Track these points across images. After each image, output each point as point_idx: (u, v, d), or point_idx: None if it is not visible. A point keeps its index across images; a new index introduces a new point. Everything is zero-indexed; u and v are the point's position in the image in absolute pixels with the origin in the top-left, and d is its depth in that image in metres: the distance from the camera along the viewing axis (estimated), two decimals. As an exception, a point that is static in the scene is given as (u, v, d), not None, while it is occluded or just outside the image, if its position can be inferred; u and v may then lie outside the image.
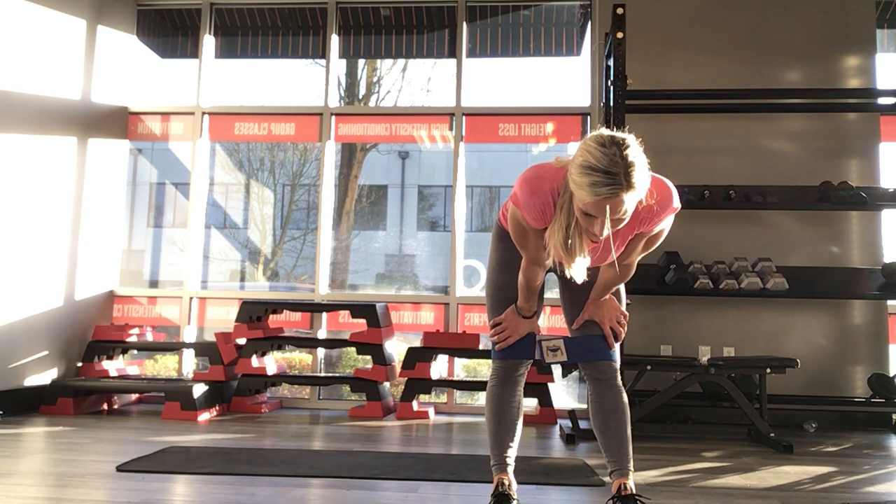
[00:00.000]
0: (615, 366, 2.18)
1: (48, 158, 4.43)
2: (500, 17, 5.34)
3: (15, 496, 2.36)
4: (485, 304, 2.35)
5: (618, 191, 1.69)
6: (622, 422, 2.12)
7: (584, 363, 2.18)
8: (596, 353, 2.16)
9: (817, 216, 4.51)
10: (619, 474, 2.10)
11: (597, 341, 2.17)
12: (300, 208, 9.33)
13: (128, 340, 4.67)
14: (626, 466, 2.10)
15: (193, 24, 5.39)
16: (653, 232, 1.98)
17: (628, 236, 1.97)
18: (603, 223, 1.73)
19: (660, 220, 1.93)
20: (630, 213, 1.76)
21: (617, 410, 2.13)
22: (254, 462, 2.97)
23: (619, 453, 2.11)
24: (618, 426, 2.12)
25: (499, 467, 2.20)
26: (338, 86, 6.26)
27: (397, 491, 2.57)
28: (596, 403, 2.16)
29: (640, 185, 1.73)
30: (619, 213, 1.73)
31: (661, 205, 1.90)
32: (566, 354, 2.18)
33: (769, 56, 4.67)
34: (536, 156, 10.80)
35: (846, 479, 2.91)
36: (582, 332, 2.20)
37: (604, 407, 2.14)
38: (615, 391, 2.15)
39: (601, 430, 2.14)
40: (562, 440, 3.72)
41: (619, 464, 2.11)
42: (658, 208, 1.90)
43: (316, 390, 4.90)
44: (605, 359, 2.15)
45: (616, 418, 2.12)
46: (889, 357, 4.44)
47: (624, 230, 1.90)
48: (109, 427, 3.86)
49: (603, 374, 2.16)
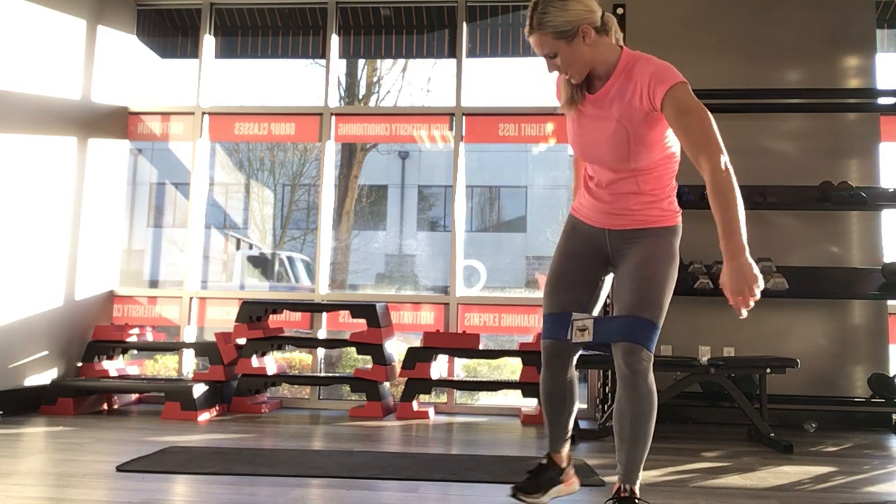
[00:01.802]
0: (638, 351, 1.98)
1: (48, 158, 4.43)
2: (500, 17, 5.34)
3: (15, 496, 2.36)
4: (484, 304, 2.37)
5: (528, 32, 1.97)
6: (638, 421, 1.99)
7: (614, 350, 2.04)
8: (617, 334, 2.02)
9: (817, 216, 4.51)
10: (622, 479, 2.06)
11: (622, 321, 2.02)
12: (300, 208, 9.34)
13: (128, 340, 4.67)
14: (630, 473, 2.04)
15: (193, 24, 5.39)
16: (671, 114, 1.95)
17: (633, 116, 2.00)
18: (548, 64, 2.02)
19: (657, 92, 1.95)
20: (567, 59, 1.98)
21: (629, 414, 2.00)
22: (254, 462, 2.97)
23: (625, 457, 2.03)
24: (635, 424, 2.00)
25: (548, 446, 2.29)
26: (338, 86, 6.26)
27: (397, 491, 2.57)
28: (616, 400, 2.08)
29: (548, 27, 1.93)
30: (541, 53, 2.00)
31: (654, 78, 1.96)
32: (592, 334, 2.08)
33: (769, 56, 4.67)
34: (536, 156, 10.81)
35: (846, 479, 2.91)
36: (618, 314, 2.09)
37: (619, 408, 2.04)
38: (636, 385, 1.98)
39: (615, 429, 2.06)
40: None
41: (624, 468, 2.05)
42: (653, 81, 1.95)
43: (316, 390, 4.90)
44: (625, 340, 1.98)
45: (628, 422, 2.00)
46: (889, 357, 4.44)
47: (621, 106, 2.01)
48: (109, 427, 3.86)
49: (622, 358, 2.00)
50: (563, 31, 1.94)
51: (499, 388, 4.78)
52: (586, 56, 1.99)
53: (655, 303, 2.03)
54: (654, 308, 2.02)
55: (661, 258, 2.09)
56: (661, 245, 2.11)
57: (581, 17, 1.94)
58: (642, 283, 2.04)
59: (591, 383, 4.65)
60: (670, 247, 2.12)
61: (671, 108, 1.94)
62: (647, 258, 2.08)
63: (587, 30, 1.96)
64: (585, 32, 1.96)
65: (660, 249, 2.10)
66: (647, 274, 2.05)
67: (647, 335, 2.00)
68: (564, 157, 10.42)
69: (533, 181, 10.93)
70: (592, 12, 1.98)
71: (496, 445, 3.57)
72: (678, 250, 2.15)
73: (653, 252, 2.09)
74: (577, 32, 1.95)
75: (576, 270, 2.20)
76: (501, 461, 3.10)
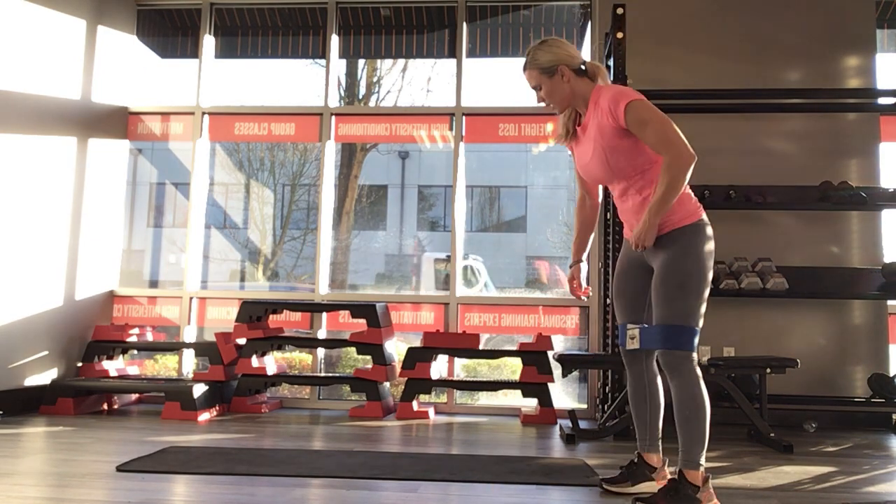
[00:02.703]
0: (674, 354, 2.28)
1: (48, 158, 4.43)
2: (500, 17, 5.34)
3: (15, 496, 2.36)
4: (485, 304, 2.50)
5: (523, 69, 2.50)
6: (679, 415, 2.29)
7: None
8: (653, 342, 2.36)
9: (817, 216, 4.51)
10: (678, 464, 2.29)
11: (657, 331, 2.33)
12: (300, 208, 9.33)
13: (128, 340, 4.67)
14: (683, 459, 2.27)
15: (193, 24, 5.39)
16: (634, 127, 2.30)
17: (604, 132, 2.37)
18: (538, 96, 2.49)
19: (618, 109, 2.30)
20: (548, 91, 2.45)
21: (676, 408, 2.30)
22: (254, 462, 2.97)
23: (679, 445, 2.30)
24: (678, 417, 2.29)
25: (637, 445, 2.58)
26: (338, 86, 6.26)
27: (397, 491, 2.57)
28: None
29: (535, 64, 2.44)
30: (531, 86, 2.50)
31: (613, 99, 2.33)
32: (639, 342, 2.42)
33: (769, 56, 4.67)
34: (536, 156, 10.81)
35: (846, 479, 2.91)
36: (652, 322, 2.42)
37: (670, 398, 2.34)
38: (675, 383, 2.29)
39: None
40: (562, 440, 3.72)
41: (679, 455, 2.29)
42: (613, 103, 2.32)
43: (316, 390, 4.90)
44: (660, 347, 2.32)
45: (677, 409, 2.30)
46: (889, 357, 4.44)
47: (595, 129, 2.40)
48: (109, 427, 3.86)
49: (663, 363, 2.32)
50: (546, 68, 2.44)
51: (499, 388, 4.78)
52: (565, 91, 2.45)
53: (681, 307, 2.27)
54: (679, 312, 2.27)
55: (681, 260, 2.29)
56: (680, 247, 2.31)
57: (560, 59, 2.43)
58: (667, 291, 2.30)
59: (591, 383, 4.65)
60: (689, 246, 2.31)
61: (633, 121, 2.30)
62: (668, 264, 2.31)
63: (565, 70, 2.43)
64: (563, 72, 2.43)
65: (679, 252, 2.30)
66: (669, 280, 2.30)
67: (677, 339, 2.27)
68: (564, 157, 10.42)
69: (533, 181, 10.93)
70: (572, 58, 2.44)
71: (496, 445, 3.57)
72: (703, 244, 2.32)
73: (673, 257, 2.31)
74: (556, 70, 2.43)
75: (626, 285, 2.54)
76: (501, 461, 3.10)
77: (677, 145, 2.24)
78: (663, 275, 2.31)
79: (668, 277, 2.29)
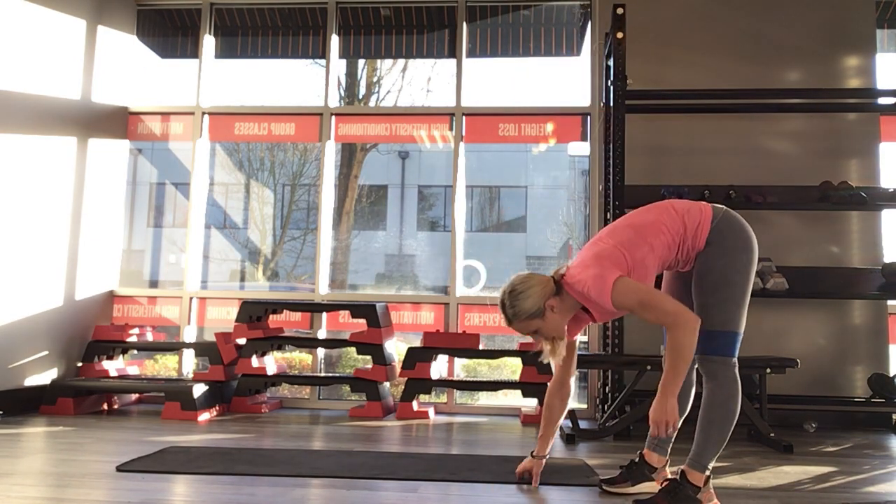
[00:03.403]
0: (711, 359, 2.30)
1: (48, 158, 4.43)
2: (500, 17, 5.34)
3: (15, 496, 2.36)
4: (485, 304, 2.49)
5: (507, 324, 2.38)
6: (704, 416, 2.30)
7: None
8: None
9: (817, 216, 4.51)
10: (686, 462, 2.29)
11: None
12: (300, 208, 9.33)
13: (128, 340, 4.67)
14: (693, 459, 2.28)
15: (193, 24, 5.39)
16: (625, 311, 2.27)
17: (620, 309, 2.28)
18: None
19: (605, 303, 2.22)
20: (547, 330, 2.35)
21: (706, 402, 2.32)
22: (254, 462, 2.97)
23: (693, 443, 2.31)
24: (703, 417, 2.31)
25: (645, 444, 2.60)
26: (338, 86, 6.26)
27: (397, 491, 2.57)
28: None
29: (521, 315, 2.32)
30: (525, 334, 2.38)
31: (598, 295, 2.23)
32: None
33: (769, 56, 4.67)
34: (536, 156, 10.81)
35: (846, 479, 2.91)
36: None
37: (701, 400, 2.35)
38: (710, 386, 2.31)
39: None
40: (562, 440, 3.72)
41: (690, 453, 2.31)
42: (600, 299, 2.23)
43: (316, 390, 4.90)
44: (698, 353, 2.30)
45: (704, 410, 2.31)
46: (889, 357, 4.44)
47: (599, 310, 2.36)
48: (109, 427, 3.86)
49: (702, 368, 2.34)
50: (533, 313, 2.32)
51: (499, 388, 4.78)
52: (559, 321, 2.36)
53: (720, 311, 2.27)
54: (717, 316, 2.27)
55: (717, 262, 2.29)
56: (709, 257, 2.30)
57: (542, 297, 2.32)
58: (704, 295, 2.30)
59: (592, 383, 4.65)
60: (717, 253, 2.29)
61: (627, 308, 2.24)
62: (701, 273, 2.32)
63: (552, 303, 2.33)
64: (551, 305, 2.33)
65: (709, 262, 2.30)
66: (706, 284, 2.29)
67: (715, 344, 2.28)
68: (564, 157, 10.42)
69: (533, 181, 10.93)
70: (547, 286, 2.34)
71: (496, 445, 3.57)
72: (731, 246, 2.29)
73: (704, 268, 2.31)
74: (544, 308, 2.32)
75: (674, 290, 2.50)
76: (501, 461, 3.10)
77: (677, 314, 2.18)
78: (701, 278, 2.30)
79: (706, 281, 2.28)
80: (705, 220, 2.31)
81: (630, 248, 2.27)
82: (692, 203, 2.40)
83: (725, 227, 2.30)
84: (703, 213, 2.33)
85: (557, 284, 2.35)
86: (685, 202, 2.41)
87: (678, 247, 2.32)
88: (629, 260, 2.26)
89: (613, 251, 2.27)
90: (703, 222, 2.31)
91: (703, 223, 2.31)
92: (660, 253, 2.30)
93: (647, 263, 2.29)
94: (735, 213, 2.37)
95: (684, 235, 2.31)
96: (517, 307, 2.32)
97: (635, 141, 4.42)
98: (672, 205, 2.39)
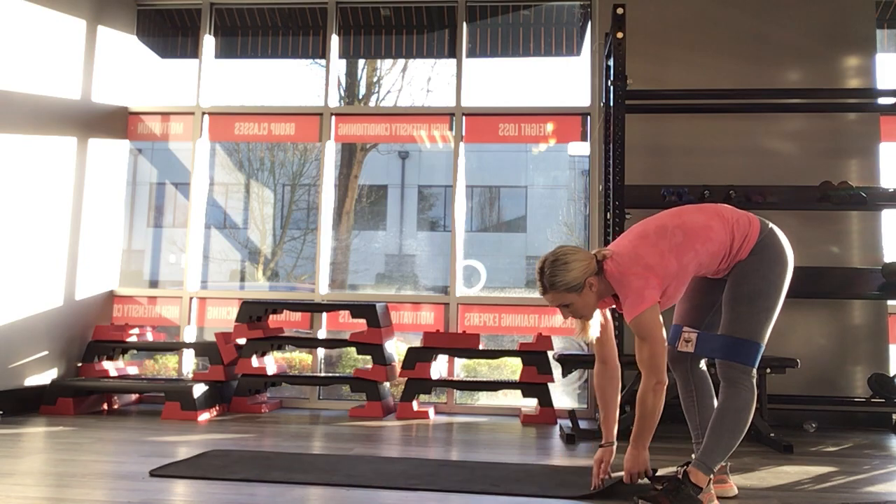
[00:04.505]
0: (734, 366, 2.30)
1: (48, 158, 4.43)
2: (500, 17, 5.34)
3: (15, 496, 2.36)
4: (485, 304, 2.48)
5: (541, 292, 2.35)
6: (717, 420, 2.30)
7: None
8: (713, 350, 2.38)
9: (817, 216, 4.51)
10: (693, 463, 2.30)
11: (718, 340, 2.35)
12: (300, 208, 9.32)
13: (128, 340, 4.67)
14: (700, 460, 2.28)
15: (193, 24, 5.39)
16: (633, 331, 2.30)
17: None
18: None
19: (628, 315, 2.29)
20: (579, 306, 2.32)
21: (720, 407, 2.31)
22: (254, 464, 2.96)
23: (701, 445, 2.32)
24: (716, 421, 2.31)
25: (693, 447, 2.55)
26: (338, 86, 6.25)
27: (397, 491, 2.56)
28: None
29: (560, 286, 2.28)
30: (555, 306, 2.35)
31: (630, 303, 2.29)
32: (694, 346, 2.44)
33: (769, 56, 4.67)
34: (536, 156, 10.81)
35: (846, 479, 2.91)
36: (717, 330, 2.41)
37: (717, 403, 2.36)
38: (728, 392, 2.30)
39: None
40: (562, 440, 3.72)
41: (698, 454, 2.31)
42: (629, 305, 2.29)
43: (316, 390, 4.90)
44: (721, 358, 2.33)
45: (718, 414, 2.31)
46: (889, 357, 4.44)
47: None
48: (109, 427, 3.86)
49: (721, 373, 2.33)
50: (573, 287, 2.30)
51: (499, 388, 4.78)
52: (593, 300, 2.35)
53: (748, 321, 2.28)
54: (746, 326, 2.29)
55: (753, 274, 2.31)
56: (749, 267, 2.33)
57: (585, 273, 2.30)
58: (736, 303, 2.31)
59: (592, 383, 4.65)
60: (763, 260, 2.32)
61: (634, 329, 2.29)
62: (738, 281, 2.33)
63: (592, 280, 2.31)
64: (591, 283, 2.31)
65: (749, 273, 2.32)
66: (740, 293, 2.31)
67: (740, 352, 2.28)
68: (564, 157, 10.42)
69: (533, 181, 10.92)
70: (591, 263, 2.32)
71: (496, 446, 3.57)
72: (777, 257, 2.34)
73: (741, 277, 2.33)
74: (584, 285, 2.30)
75: (697, 294, 2.52)
76: (497, 466, 3.10)
77: (656, 373, 2.25)
78: (737, 286, 2.31)
79: (741, 290, 2.30)
80: (753, 233, 2.34)
81: (679, 254, 2.30)
82: (740, 213, 2.40)
83: (770, 242, 2.34)
84: (751, 224, 2.36)
85: (599, 265, 2.35)
86: (733, 210, 2.41)
87: (722, 257, 2.35)
88: (675, 266, 2.29)
89: (663, 261, 2.28)
90: (750, 235, 2.34)
91: (751, 236, 2.34)
92: (702, 259, 2.33)
93: (689, 270, 2.33)
94: (779, 231, 2.40)
95: (730, 247, 2.33)
96: (558, 276, 2.29)
97: (635, 141, 4.42)
98: (720, 212, 2.39)
